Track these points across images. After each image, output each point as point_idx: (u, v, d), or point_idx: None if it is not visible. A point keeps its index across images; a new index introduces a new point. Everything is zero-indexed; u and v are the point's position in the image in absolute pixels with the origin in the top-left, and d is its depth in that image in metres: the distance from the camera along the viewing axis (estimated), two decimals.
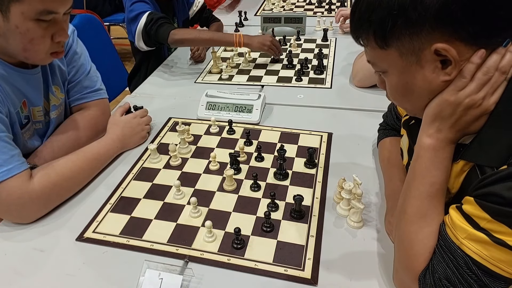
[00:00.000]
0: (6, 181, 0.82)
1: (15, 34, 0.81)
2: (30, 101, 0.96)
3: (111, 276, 0.76)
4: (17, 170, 0.83)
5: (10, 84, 0.89)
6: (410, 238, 0.63)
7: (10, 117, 0.89)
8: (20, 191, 0.83)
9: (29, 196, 0.84)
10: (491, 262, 0.53)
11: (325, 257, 0.77)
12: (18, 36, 0.82)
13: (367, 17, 0.60)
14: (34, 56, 0.88)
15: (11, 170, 0.83)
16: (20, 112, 0.93)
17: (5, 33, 0.81)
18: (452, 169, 0.64)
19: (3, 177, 0.82)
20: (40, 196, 0.86)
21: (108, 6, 3.36)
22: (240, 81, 1.49)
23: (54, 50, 0.89)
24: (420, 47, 0.58)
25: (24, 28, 0.80)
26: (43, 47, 0.86)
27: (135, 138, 1.12)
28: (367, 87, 1.37)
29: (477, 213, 0.55)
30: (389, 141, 0.97)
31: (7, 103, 0.87)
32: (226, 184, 0.95)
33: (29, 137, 0.99)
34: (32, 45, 0.84)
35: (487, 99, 0.58)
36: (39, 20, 0.81)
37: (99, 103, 1.14)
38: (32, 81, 0.95)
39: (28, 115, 0.97)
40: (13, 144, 0.86)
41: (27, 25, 0.80)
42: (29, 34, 0.82)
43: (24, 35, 0.82)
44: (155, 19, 1.48)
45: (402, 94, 0.66)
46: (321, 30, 1.84)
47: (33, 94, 0.96)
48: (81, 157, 0.97)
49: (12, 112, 0.89)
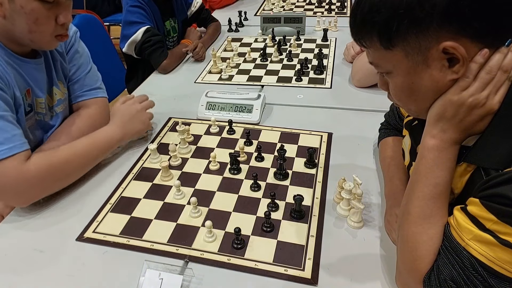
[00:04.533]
0: (5, 161, 0.82)
1: (20, 15, 0.83)
2: (34, 91, 0.97)
3: (111, 276, 0.76)
4: (18, 150, 0.84)
5: (15, 71, 0.91)
6: (414, 239, 0.63)
7: (15, 100, 0.90)
8: (16, 171, 0.83)
9: (23, 176, 0.84)
10: (497, 263, 0.53)
11: (325, 257, 0.77)
12: (23, 17, 0.84)
13: (370, 18, 0.59)
14: (40, 38, 0.90)
15: (12, 148, 0.83)
16: (24, 99, 0.94)
17: (11, 15, 0.84)
18: (456, 170, 0.64)
19: (4, 155, 0.82)
20: (35, 176, 0.86)
21: (108, 6, 3.36)
22: (240, 81, 1.49)
23: (59, 33, 0.91)
24: (426, 46, 0.57)
25: (29, 8, 0.83)
26: (48, 28, 0.88)
27: (136, 125, 1.11)
28: (367, 87, 1.37)
29: (483, 214, 0.54)
30: (391, 141, 0.97)
31: (12, 86, 0.89)
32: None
33: (31, 126, 1.00)
34: (37, 26, 0.86)
35: (491, 99, 0.58)
36: (43, 1, 0.83)
37: (98, 101, 1.14)
38: (35, 72, 0.97)
39: (32, 104, 0.98)
40: (16, 124, 0.87)
41: (31, 5, 0.83)
42: (34, 14, 0.84)
43: (29, 15, 0.84)
44: (153, 41, 1.57)
45: (408, 94, 0.65)
46: (321, 30, 1.84)
47: (36, 85, 0.97)
48: (78, 143, 0.97)
49: (18, 96, 0.90)
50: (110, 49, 1.90)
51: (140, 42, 1.58)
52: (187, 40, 1.77)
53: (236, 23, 2.03)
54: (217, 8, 2.45)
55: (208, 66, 1.62)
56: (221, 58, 1.63)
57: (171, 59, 1.61)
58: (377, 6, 0.58)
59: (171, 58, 1.60)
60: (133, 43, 1.60)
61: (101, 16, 2.46)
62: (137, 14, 1.60)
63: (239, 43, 1.83)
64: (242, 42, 1.84)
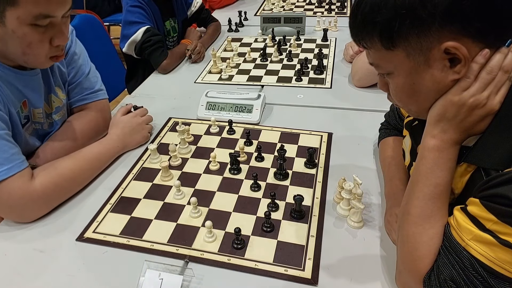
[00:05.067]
0: (7, 180, 0.82)
1: (12, 39, 0.80)
2: (31, 102, 0.96)
3: (111, 276, 0.76)
4: (18, 169, 0.83)
5: (9, 84, 0.89)
6: (414, 239, 0.63)
7: (11, 117, 0.88)
8: (22, 191, 0.83)
9: (30, 196, 0.84)
10: (497, 264, 0.53)
11: (325, 257, 0.77)
12: (16, 41, 0.81)
13: (371, 19, 0.59)
14: (34, 60, 0.87)
15: (12, 169, 0.83)
16: (20, 112, 0.93)
17: (3, 37, 0.81)
18: (456, 170, 0.64)
19: (4, 176, 0.81)
20: (41, 197, 0.86)
21: (108, 6, 3.36)
22: (240, 81, 1.49)
23: (54, 54, 0.88)
24: (428, 46, 0.57)
25: (20, 33, 0.79)
26: (42, 51, 0.85)
27: (136, 137, 1.12)
28: (367, 86, 1.37)
29: (483, 215, 0.54)
30: (391, 141, 0.97)
31: (7, 103, 0.87)
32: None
33: (29, 135, 0.99)
34: (30, 49, 0.83)
35: (492, 99, 0.58)
36: (35, 25, 0.79)
37: (99, 104, 1.14)
38: (31, 83, 0.95)
39: (28, 115, 0.97)
40: (13, 142, 0.86)
41: (23, 30, 0.79)
42: (27, 39, 0.80)
43: (21, 39, 0.80)
44: (153, 41, 1.57)
45: (409, 95, 0.65)
46: (321, 30, 1.84)
47: (33, 96, 0.96)
48: (82, 158, 0.97)
49: (13, 112, 0.89)
50: (110, 49, 1.90)
51: (140, 42, 1.58)
52: (187, 40, 1.77)
53: (236, 23, 2.03)
54: (217, 8, 2.45)
55: (208, 66, 1.62)
56: (221, 58, 1.63)
57: (171, 59, 1.61)
58: (378, 6, 0.57)
59: (171, 58, 1.61)
60: (133, 43, 1.61)
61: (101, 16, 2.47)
62: (137, 14, 1.60)
63: (239, 43, 1.83)
64: (242, 42, 1.84)
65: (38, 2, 0.76)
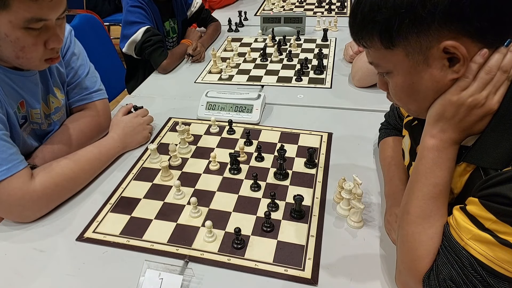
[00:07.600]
0: (6, 180, 0.82)
1: (6, 43, 0.79)
2: (28, 103, 0.95)
3: (111, 276, 0.76)
4: (17, 169, 0.83)
5: (6, 85, 0.88)
6: (413, 239, 0.63)
7: (8, 117, 0.88)
8: (21, 191, 0.83)
9: (30, 196, 0.84)
10: (496, 263, 0.53)
11: (325, 257, 0.77)
12: (9, 44, 0.79)
13: (371, 18, 0.59)
14: (28, 63, 0.86)
15: (11, 169, 0.83)
16: (17, 112, 0.93)
17: None
18: (455, 170, 0.64)
19: (3, 176, 0.81)
20: (41, 197, 0.86)
21: (108, 6, 3.36)
22: (240, 81, 1.49)
23: (49, 57, 0.86)
24: (427, 46, 0.57)
25: (13, 37, 0.78)
26: (36, 55, 0.83)
27: (136, 137, 1.12)
28: (367, 86, 1.37)
29: (482, 214, 0.54)
30: (391, 141, 0.97)
31: (4, 104, 0.87)
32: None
33: (27, 135, 0.99)
34: (24, 53, 0.81)
35: (490, 99, 0.58)
36: (28, 28, 0.78)
37: (99, 103, 1.14)
38: (28, 84, 0.94)
39: (26, 115, 0.96)
40: (11, 142, 0.86)
41: (16, 34, 0.77)
42: (20, 43, 0.79)
43: (14, 43, 0.79)
44: (153, 41, 1.58)
45: (408, 94, 0.65)
46: (321, 30, 1.84)
47: (30, 96, 0.95)
48: (82, 158, 0.97)
49: (10, 112, 0.89)
50: (110, 49, 1.90)
51: (140, 42, 1.58)
52: (187, 40, 1.77)
53: (236, 23, 2.03)
54: (217, 8, 2.45)
55: (208, 66, 1.62)
56: (221, 58, 1.63)
57: (171, 59, 1.61)
58: (378, 6, 0.58)
59: (171, 58, 1.61)
60: (133, 43, 1.61)
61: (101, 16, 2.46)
62: (137, 14, 1.60)
63: (239, 43, 1.83)
64: (242, 42, 1.84)
65: (30, 6, 0.75)
